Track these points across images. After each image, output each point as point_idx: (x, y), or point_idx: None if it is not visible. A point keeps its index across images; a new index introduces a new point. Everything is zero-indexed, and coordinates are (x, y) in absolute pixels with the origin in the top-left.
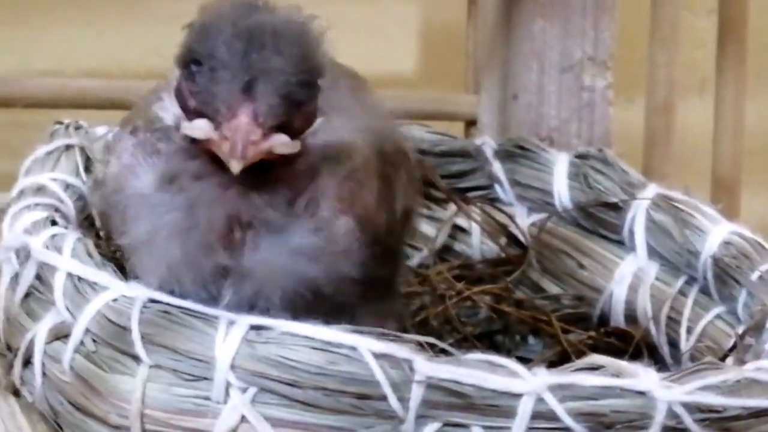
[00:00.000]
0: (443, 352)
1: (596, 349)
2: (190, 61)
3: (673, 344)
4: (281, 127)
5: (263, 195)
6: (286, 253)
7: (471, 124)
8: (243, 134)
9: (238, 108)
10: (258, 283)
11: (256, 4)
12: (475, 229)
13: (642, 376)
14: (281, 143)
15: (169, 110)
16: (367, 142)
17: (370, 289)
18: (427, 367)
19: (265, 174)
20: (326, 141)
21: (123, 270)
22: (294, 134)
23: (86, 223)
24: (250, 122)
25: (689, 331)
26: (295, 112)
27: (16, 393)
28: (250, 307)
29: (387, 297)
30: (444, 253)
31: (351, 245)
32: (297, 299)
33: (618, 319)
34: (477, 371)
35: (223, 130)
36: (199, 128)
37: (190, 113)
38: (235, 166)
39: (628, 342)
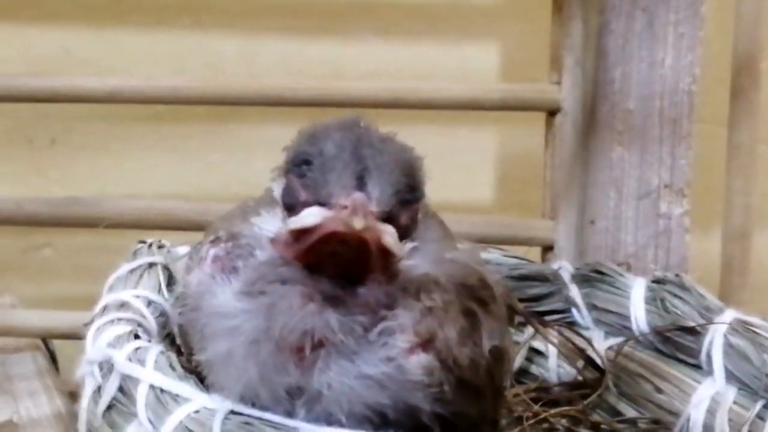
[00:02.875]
0: None
1: None
2: (301, 162)
3: None
4: (388, 221)
5: (339, 317)
6: (355, 377)
7: (548, 249)
8: (362, 203)
9: (353, 190)
10: (327, 404)
11: (359, 122)
12: (552, 352)
13: None
14: (390, 233)
15: (268, 221)
16: (451, 278)
17: (455, 428)
18: None
19: (346, 293)
20: (411, 270)
21: (204, 383)
22: (399, 237)
23: (167, 338)
24: (364, 199)
25: None
26: (401, 211)
27: None
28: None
29: None
30: (521, 375)
31: (426, 380)
32: (365, 424)
33: None
34: None
35: (339, 205)
36: (313, 214)
37: (299, 207)
38: (358, 223)
39: None
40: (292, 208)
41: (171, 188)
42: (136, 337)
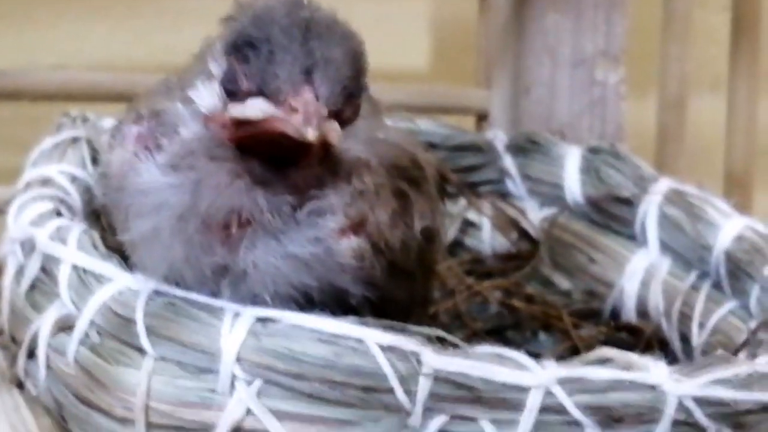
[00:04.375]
0: (451, 345)
1: (607, 344)
2: (244, 45)
3: (685, 339)
4: (333, 117)
5: (268, 196)
6: (281, 257)
7: (482, 118)
8: (313, 107)
9: (303, 87)
10: (252, 283)
11: (302, 1)
12: (486, 223)
13: (652, 369)
14: (335, 131)
15: (203, 96)
16: (383, 159)
17: (385, 311)
18: (434, 359)
19: (275, 173)
20: (342, 153)
21: (128, 262)
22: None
23: (92, 215)
24: (315, 101)
25: (701, 326)
26: (347, 105)
27: (20, 386)
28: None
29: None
30: (454, 247)
31: (356, 263)
32: (291, 304)
33: (629, 315)
34: (485, 364)
35: (289, 105)
36: (258, 107)
37: (241, 95)
38: (311, 133)
39: (640, 337)
40: (232, 93)
41: (98, 58)
42: (59, 215)
